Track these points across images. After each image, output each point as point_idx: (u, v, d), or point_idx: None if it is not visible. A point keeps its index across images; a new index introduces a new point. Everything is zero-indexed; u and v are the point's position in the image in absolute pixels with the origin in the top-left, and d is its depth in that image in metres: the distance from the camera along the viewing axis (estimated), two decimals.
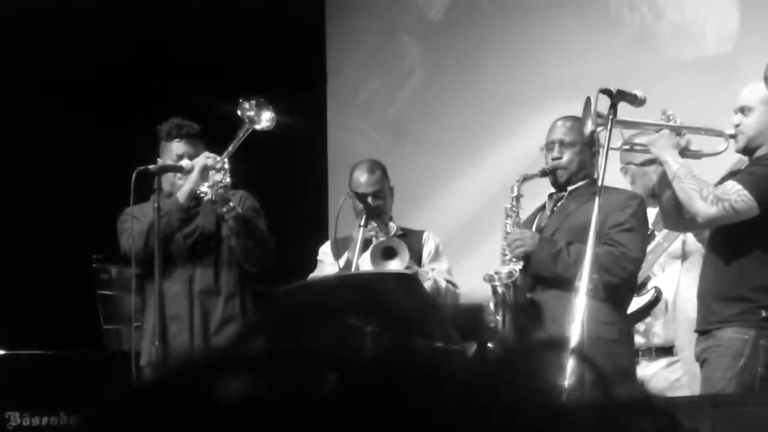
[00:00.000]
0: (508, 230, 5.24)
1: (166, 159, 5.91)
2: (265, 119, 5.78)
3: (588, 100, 4.87)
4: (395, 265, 5.52)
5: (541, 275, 5.14)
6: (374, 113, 8.88)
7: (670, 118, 5.01)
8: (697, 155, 5.04)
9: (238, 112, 5.77)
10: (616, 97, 4.76)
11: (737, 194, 4.78)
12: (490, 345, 4.69)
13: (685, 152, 4.98)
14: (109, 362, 6.59)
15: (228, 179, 5.68)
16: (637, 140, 5.20)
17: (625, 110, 4.86)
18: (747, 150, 4.96)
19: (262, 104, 5.80)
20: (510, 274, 5.09)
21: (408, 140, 8.57)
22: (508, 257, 5.16)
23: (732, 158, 5.25)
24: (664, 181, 4.96)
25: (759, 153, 4.93)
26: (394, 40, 8.79)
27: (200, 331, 5.84)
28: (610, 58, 7.57)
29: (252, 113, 5.77)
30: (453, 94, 8.44)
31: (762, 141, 4.92)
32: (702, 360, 4.94)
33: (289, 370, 0.98)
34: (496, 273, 5.12)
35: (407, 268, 5.51)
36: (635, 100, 4.84)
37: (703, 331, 4.95)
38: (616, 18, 7.91)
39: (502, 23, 8.30)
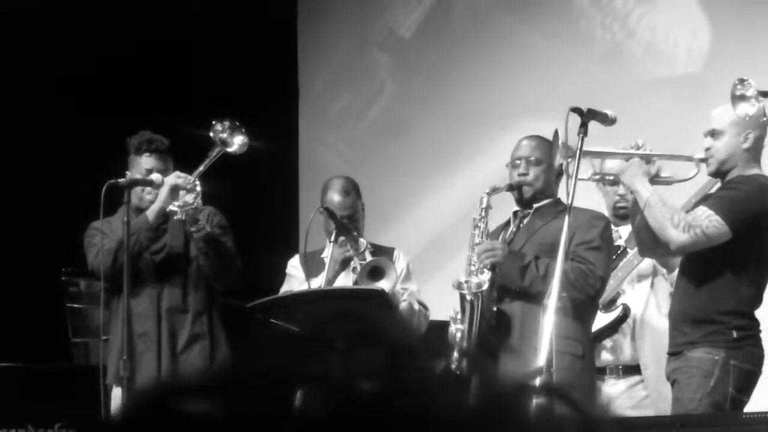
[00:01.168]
0: (477, 240, 5.24)
1: (134, 173, 5.88)
2: (237, 143, 5.77)
3: (556, 132, 4.89)
4: (384, 285, 5.49)
5: (508, 287, 5.15)
6: (345, 128, 8.88)
7: (640, 146, 5.02)
8: (669, 182, 5.06)
9: (211, 134, 5.76)
10: (587, 116, 4.77)
11: (708, 220, 4.79)
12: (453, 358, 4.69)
13: (655, 180, 5.00)
14: (78, 376, 6.56)
15: (199, 200, 5.67)
16: (608, 168, 5.21)
17: (595, 129, 4.87)
18: (719, 173, 4.98)
19: (235, 127, 5.79)
20: (479, 284, 5.08)
21: (379, 155, 8.57)
22: (475, 268, 5.15)
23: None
24: (636, 209, 4.98)
25: (730, 176, 4.94)
26: (365, 55, 8.80)
27: (168, 348, 5.82)
28: (581, 77, 7.60)
29: (225, 136, 5.76)
30: (424, 111, 8.45)
31: (733, 164, 4.93)
32: (672, 380, 4.95)
33: (250, 391, 0.99)
34: (466, 281, 5.11)
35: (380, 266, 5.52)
36: (606, 120, 4.85)
37: (673, 351, 4.97)
38: (587, 37, 7.94)
39: (473, 40, 8.32)
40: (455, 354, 5.02)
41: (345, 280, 5.69)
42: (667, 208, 4.85)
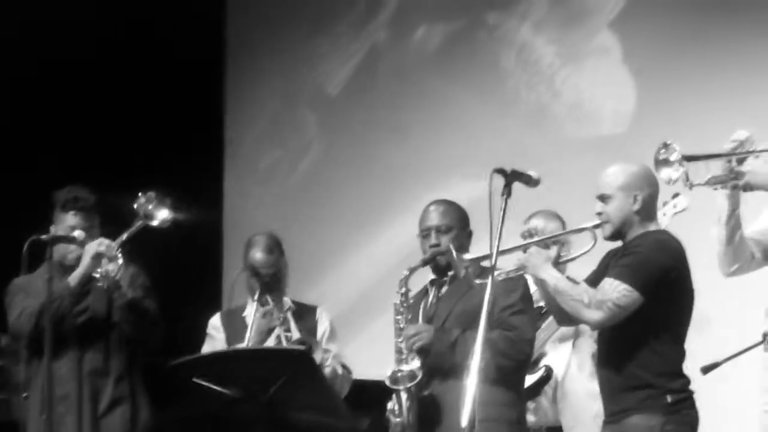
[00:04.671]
0: (401, 326, 5.25)
1: (59, 228, 5.86)
2: (161, 217, 5.78)
3: (449, 249, 4.98)
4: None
5: (439, 367, 5.17)
6: (273, 183, 8.90)
7: (532, 233, 5.05)
8: (570, 259, 5.11)
9: (135, 206, 5.76)
10: (511, 177, 4.76)
11: (617, 291, 4.81)
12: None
13: (558, 262, 5.04)
14: None
15: (121, 270, 5.67)
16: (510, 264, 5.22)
17: (518, 190, 4.90)
18: (614, 236, 5.05)
19: (160, 201, 5.79)
20: (412, 375, 5.11)
21: (305, 210, 8.60)
22: (404, 355, 5.17)
23: None
24: (547, 292, 5.03)
25: (628, 238, 5.02)
26: (293, 112, 8.84)
27: (89, 412, 5.79)
28: (507, 136, 7.66)
29: (149, 208, 5.77)
30: (351, 167, 8.49)
31: (629, 225, 4.99)
32: None
33: None
34: (399, 372, 5.14)
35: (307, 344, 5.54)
36: (530, 181, 4.86)
37: (609, 419, 4.99)
38: (513, 97, 8.01)
39: (400, 98, 8.38)
40: None
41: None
42: (576, 290, 4.87)
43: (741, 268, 4.90)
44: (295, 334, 5.66)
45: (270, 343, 5.66)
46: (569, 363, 5.71)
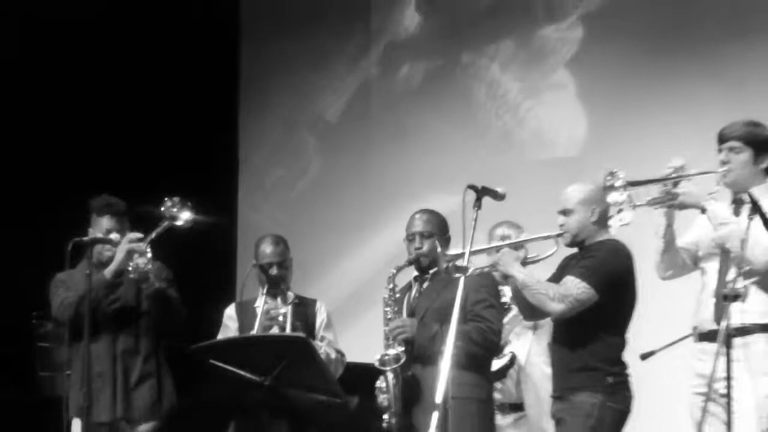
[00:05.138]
0: (389, 317, 5.25)
1: (96, 231, 5.83)
2: (184, 218, 5.72)
3: (435, 247, 5.06)
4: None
5: (420, 355, 5.15)
6: (278, 197, 8.86)
7: (504, 238, 5.12)
8: (536, 260, 5.12)
9: (161, 209, 5.72)
10: (481, 192, 4.76)
11: (577, 288, 4.84)
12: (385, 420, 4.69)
13: (525, 262, 5.06)
14: (44, 407, 6.45)
15: (149, 264, 5.64)
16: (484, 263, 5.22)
17: (489, 207, 4.89)
18: (574, 244, 5.06)
19: (183, 204, 5.75)
20: (397, 358, 5.13)
21: (305, 220, 8.56)
22: (391, 341, 5.18)
23: None
24: (516, 288, 5.02)
25: (586, 244, 5.01)
26: (296, 136, 8.82)
27: (122, 385, 5.76)
28: (478, 158, 7.65)
29: (174, 211, 5.72)
30: (345, 183, 8.46)
31: (585, 234, 5.02)
32: (557, 419, 4.96)
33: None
34: (386, 356, 5.15)
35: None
36: (497, 196, 4.85)
37: (558, 396, 4.99)
38: (483, 124, 8.01)
39: (388, 125, 8.37)
40: (386, 416, 5.10)
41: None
42: (541, 285, 4.92)
43: (675, 273, 4.90)
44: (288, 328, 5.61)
45: (275, 330, 5.62)
46: (530, 351, 5.70)
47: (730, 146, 4.68)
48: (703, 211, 4.61)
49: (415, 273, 5.42)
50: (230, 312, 5.88)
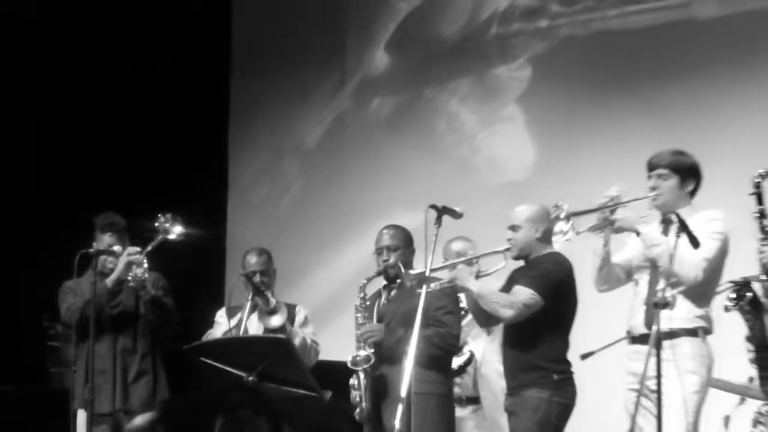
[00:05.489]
0: (360, 322, 5.26)
1: (100, 244, 5.80)
2: (176, 232, 5.71)
3: (398, 266, 5.05)
4: (276, 320, 5.53)
5: (387, 356, 5.15)
6: (263, 212, 8.82)
7: (460, 254, 5.10)
8: (488, 273, 5.09)
9: (156, 224, 5.68)
10: (441, 211, 4.76)
11: (525, 295, 4.82)
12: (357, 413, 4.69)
13: (479, 275, 5.02)
14: (53, 399, 6.40)
15: (146, 274, 5.62)
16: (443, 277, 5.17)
17: (448, 225, 4.88)
18: (520, 257, 5.04)
19: (175, 219, 5.71)
20: (367, 359, 5.14)
21: (288, 235, 8.51)
22: (362, 344, 5.19)
23: None
24: (471, 298, 5.00)
25: (531, 257, 5.00)
26: (279, 160, 8.78)
27: (121, 381, 5.73)
28: (439, 182, 7.64)
29: (167, 226, 5.69)
30: (322, 202, 8.44)
31: (530, 249, 4.99)
32: (510, 412, 4.94)
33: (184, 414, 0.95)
34: (357, 357, 5.16)
35: (285, 329, 5.49)
36: (455, 214, 4.85)
37: (510, 392, 4.96)
38: (444, 151, 8.01)
39: (361, 152, 8.36)
40: (358, 410, 5.10)
41: (258, 328, 5.62)
42: (494, 294, 4.90)
43: (610, 287, 4.88)
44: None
45: (258, 323, 5.59)
46: (485, 351, 5.68)
47: (658, 173, 4.68)
48: (638, 234, 4.61)
49: (384, 282, 5.40)
50: (221, 313, 5.84)
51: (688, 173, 4.69)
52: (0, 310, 7.45)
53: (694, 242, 4.28)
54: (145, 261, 5.62)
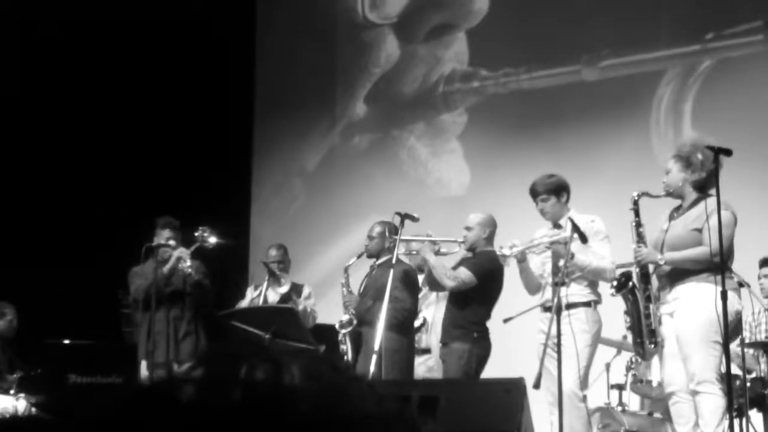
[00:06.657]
0: (344, 294, 5.24)
1: (160, 239, 5.70)
2: (212, 241, 5.60)
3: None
4: (281, 289, 5.51)
5: (361, 319, 5.10)
6: (277, 219, 8.70)
7: (429, 235, 5.01)
8: (445, 255, 5.05)
9: (195, 234, 5.58)
10: (404, 216, 4.78)
11: (465, 274, 4.82)
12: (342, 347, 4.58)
13: (439, 253, 4.98)
14: (125, 352, 6.26)
15: (191, 268, 5.54)
16: (413, 248, 5.12)
17: (408, 225, 4.83)
18: (470, 249, 4.99)
19: (212, 231, 5.61)
20: (350, 321, 5.10)
21: (296, 234, 8.38)
22: (346, 311, 5.17)
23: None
24: (429, 269, 4.94)
25: (477, 251, 4.97)
26: (288, 179, 8.69)
27: (173, 339, 5.63)
28: (403, 195, 7.58)
29: (204, 236, 5.57)
30: (320, 211, 8.36)
31: (477, 245, 4.98)
32: (443, 360, 4.89)
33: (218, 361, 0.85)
34: (342, 321, 5.14)
35: (292, 299, 5.41)
36: (414, 219, 4.84)
37: (444, 343, 4.91)
38: (405, 173, 7.96)
39: (348, 174, 8.29)
40: (345, 357, 5.04)
41: (274, 299, 5.52)
42: (444, 268, 4.87)
43: (532, 292, 4.72)
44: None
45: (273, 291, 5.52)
46: (434, 315, 5.61)
47: (541, 198, 4.59)
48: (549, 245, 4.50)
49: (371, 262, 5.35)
50: (250, 290, 5.81)
51: (560, 190, 4.61)
52: (85, 285, 7.28)
53: (583, 238, 4.24)
54: (189, 258, 5.56)
